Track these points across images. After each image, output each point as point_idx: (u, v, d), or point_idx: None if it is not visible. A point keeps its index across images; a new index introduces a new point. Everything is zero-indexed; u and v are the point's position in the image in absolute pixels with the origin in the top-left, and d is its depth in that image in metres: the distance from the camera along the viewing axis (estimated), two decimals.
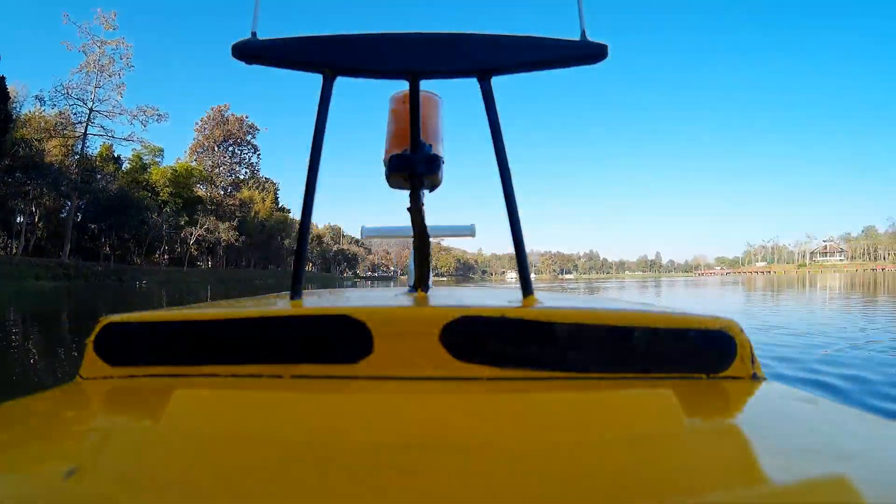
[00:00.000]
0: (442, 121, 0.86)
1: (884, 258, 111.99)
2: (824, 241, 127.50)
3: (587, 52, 0.64)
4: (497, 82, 0.67)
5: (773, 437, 0.36)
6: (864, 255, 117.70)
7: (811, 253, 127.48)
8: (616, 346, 0.50)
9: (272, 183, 61.82)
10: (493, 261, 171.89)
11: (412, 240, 0.78)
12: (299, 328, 0.52)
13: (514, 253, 0.68)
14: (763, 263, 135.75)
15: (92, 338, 0.54)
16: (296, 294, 0.68)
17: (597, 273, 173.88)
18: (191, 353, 0.52)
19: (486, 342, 0.50)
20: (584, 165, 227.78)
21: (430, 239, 0.79)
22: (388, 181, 0.80)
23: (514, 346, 0.50)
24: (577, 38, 0.65)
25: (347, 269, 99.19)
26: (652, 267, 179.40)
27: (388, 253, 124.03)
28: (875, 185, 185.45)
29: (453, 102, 0.93)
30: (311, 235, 0.86)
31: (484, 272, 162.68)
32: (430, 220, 0.78)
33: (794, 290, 16.30)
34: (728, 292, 16.73)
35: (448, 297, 0.76)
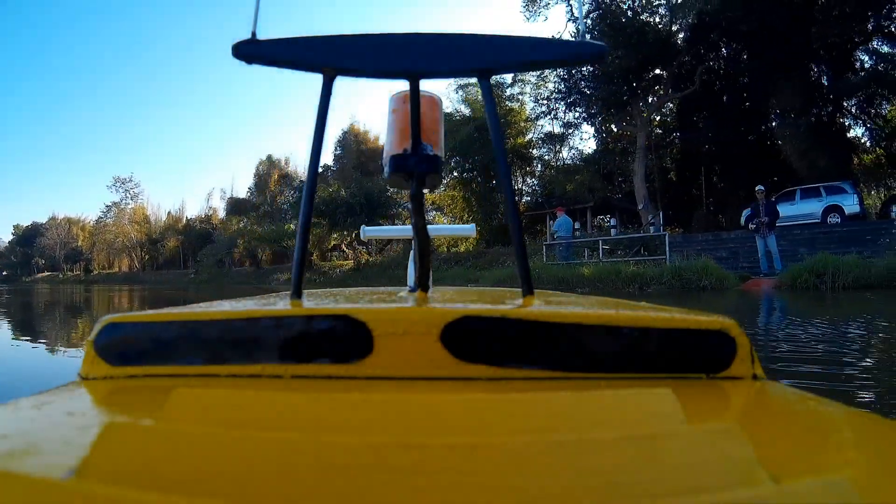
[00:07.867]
0: (441, 121, 0.86)
1: None
2: None
3: (585, 52, 0.67)
4: None
5: (773, 437, 0.36)
6: None
7: None
8: (616, 347, 0.51)
9: None
10: None
11: (413, 240, 0.75)
12: (299, 328, 0.52)
13: (515, 252, 0.68)
14: None
15: (92, 337, 0.54)
16: (296, 294, 0.67)
17: None
18: (191, 352, 0.52)
19: (487, 342, 0.50)
20: None
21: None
22: (388, 181, 0.80)
23: (514, 347, 0.50)
24: (575, 38, 0.68)
25: None
26: None
27: None
28: None
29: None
30: None
31: None
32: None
33: None
34: None
35: (448, 297, 0.74)
